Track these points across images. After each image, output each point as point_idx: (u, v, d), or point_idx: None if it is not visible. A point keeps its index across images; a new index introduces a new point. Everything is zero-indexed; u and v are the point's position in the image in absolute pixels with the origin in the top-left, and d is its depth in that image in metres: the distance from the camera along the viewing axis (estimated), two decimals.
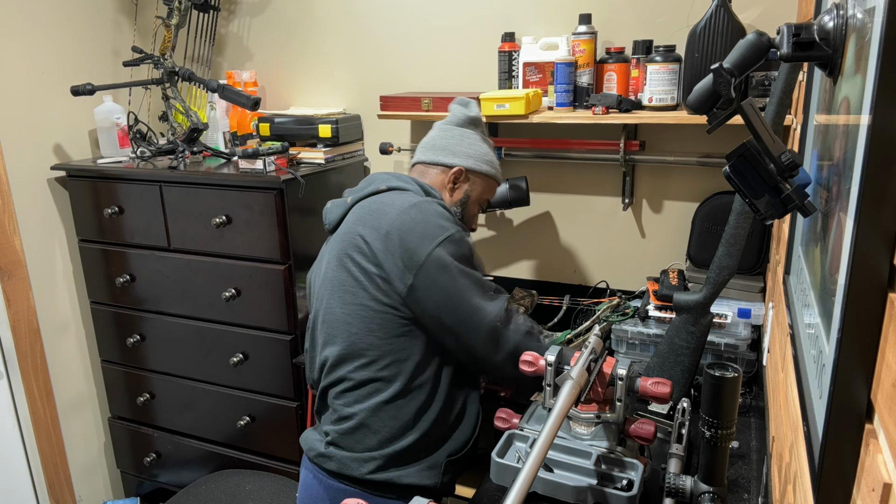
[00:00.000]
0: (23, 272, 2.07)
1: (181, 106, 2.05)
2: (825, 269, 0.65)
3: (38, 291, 2.14)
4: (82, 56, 2.20)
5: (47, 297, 2.18)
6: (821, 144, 0.83)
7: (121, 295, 2.16)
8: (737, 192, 0.79)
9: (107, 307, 2.22)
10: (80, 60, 2.20)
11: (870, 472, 0.46)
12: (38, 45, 2.06)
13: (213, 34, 2.26)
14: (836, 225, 0.61)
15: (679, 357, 1.34)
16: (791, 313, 0.92)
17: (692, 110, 0.83)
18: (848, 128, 0.60)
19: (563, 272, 2.02)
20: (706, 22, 1.52)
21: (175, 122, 2.13)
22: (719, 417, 0.94)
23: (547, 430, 0.82)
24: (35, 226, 2.12)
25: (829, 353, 0.56)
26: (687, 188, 1.81)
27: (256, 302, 1.93)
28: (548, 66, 1.76)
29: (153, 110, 2.38)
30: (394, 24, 2.03)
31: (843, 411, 0.50)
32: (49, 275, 2.18)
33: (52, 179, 2.17)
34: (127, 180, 2.02)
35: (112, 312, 2.21)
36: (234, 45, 2.28)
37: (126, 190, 2.02)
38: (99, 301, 2.23)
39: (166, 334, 2.12)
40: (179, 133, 2.11)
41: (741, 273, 1.67)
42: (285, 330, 1.93)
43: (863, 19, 0.57)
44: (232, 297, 1.94)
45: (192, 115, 2.03)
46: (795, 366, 0.79)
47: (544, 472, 1.03)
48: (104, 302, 2.22)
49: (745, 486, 1.13)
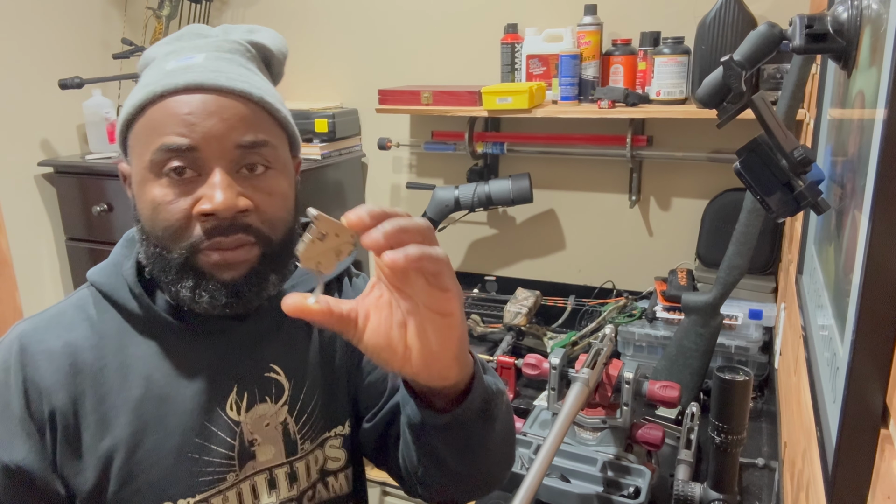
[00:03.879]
0: (9, 271, 2.06)
1: None
2: (839, 269, 0.64)
3: (25, 291, 2.12)
4: (70, 48, 2.17)
5: (34, 298, 2.15)
6: (835, 139, 0.82)
7: None
8: (748, 189, 0.78)
9: None
10: (68, 53, 2.16)
11: (885, 478, 0.45)
12: (23, 36, 2.04)
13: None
14: (851, 223, 0.59)
15: (688, 360, 1.33)
16: (804, 314, 0.90)
17: (701, 104, 0.81)
18: (863, 122, 0.59)
19: (567, 272, 1.99)
20: (716, 13, 1.49)
21: None
22: (729, 422, 0.93)
23: (553, 434, 0.80)
24: (22, 224, 2.10)
25: (843, 356, 0.54)
26: (696, 185, 1.78)
27: None
28: (552, 58, 1.73)
29: None
30: (392, 15, 2.00)
31: (858, 416, 0.49)
32: (36, 274, 2.16)
33: (40, 176, 2.14)
34: (116, 177, 1.99)
35: None
36: None
37: (115, 187, 1.99)
38: None
39: None
40: None
41: (752, 273, 1.64)
42: None
43: (878, 10, 0.55)
44: None
45: None
46: (808, 369, 0.77)
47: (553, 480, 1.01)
48: None
49: (757, 493, 1.11)
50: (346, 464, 0.82)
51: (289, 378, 0.77)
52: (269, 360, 0.76)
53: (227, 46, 0.73)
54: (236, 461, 0.73)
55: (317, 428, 0.78)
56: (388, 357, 0.54)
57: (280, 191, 0.72)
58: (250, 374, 0.75)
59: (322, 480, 0.80)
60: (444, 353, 0.55)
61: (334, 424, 0.81)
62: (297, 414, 0.77)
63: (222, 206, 0.65)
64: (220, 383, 0.73)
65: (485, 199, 1.78)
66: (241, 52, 0.74)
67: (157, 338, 0.73)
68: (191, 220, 0.66)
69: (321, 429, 0.79)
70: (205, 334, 0.73)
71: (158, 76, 0.69)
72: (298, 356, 0.78)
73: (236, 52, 0.73)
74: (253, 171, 0.69)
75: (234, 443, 0.73)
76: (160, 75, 0.69)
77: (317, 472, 0.79)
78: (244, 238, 0.68)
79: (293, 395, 0.76)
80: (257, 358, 0.76)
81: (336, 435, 0.81)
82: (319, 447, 0.80)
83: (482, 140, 1.92)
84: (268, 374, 0.75)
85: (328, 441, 0.80)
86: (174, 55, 0.71)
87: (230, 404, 0.73)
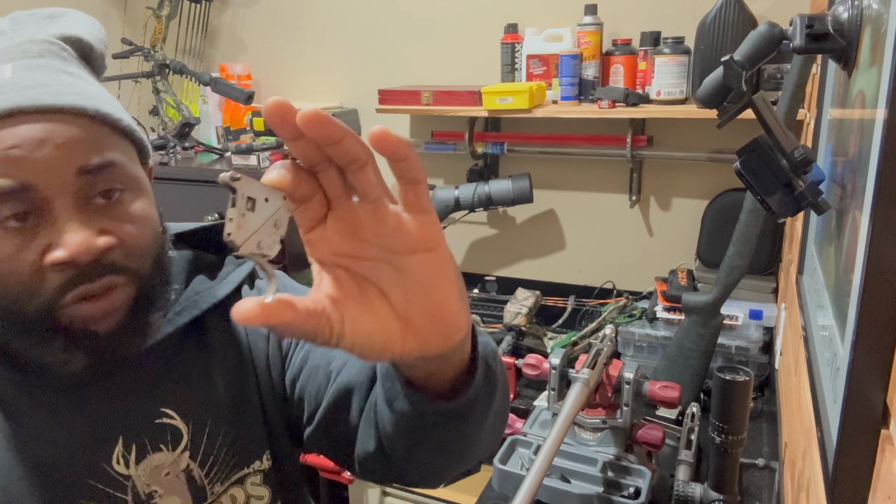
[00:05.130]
0: None
1: (172, 100, 2.03)
2: (839, 269, 0.64)
3: None
4: None
5: None
6: (835, 139, 0.81)
7: None
8: (748, 190, 0.78)
9: None
10: None
11: (886, 479, 0.45)
12: None
13: (206, 25, 2.23)
14: (851, 223, 0.59)
15: (688, 360, 1.32)
16: (804, 315, 0.90)
17: (702, 104, 0.82)
18: (863, 122, 0.59)
19: (567, 272, 1.99)
20: (716, 13, 1.49)
21: (166, 116, 2.11)
22: (730, 423, 0.93)
23: (554, 435, 0.79)
24: None
25: (843, 356, 0.54)
26: (696, 185, 1.77)
27: None
28: (552, 58, 1.73)
29: (143, 104, 2.35)
30: (392, 14, 2.00)
31: (858, 416, 0.49)
32: None
33: None
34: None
35: None
36: (227, 36, 2.25)
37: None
38: None
39: None
40: (170, 128, 2.08)
41: (752, 273, 1.64)
42: None
43: (878, 10, 0.55)
44: None
45: (184, 110, 2.01)
46: (809, 369, 0.77)
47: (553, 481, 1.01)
48: None
49: (757, 493, 1.11)
50: (272, 500, 0.72)
51: (186, 421, 0.66)
52: (159, 404, 0.66)
53: (35, 49, 0.58)
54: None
55: (227, 467, 0.69)
56: (385, 341, 0.41)
57: (142, 214, 0.60)
58: (137, 422, 0.64)
59: None
60: (446, 295, 0.42)
61: (249, 461, 0.70)
62: (202, 458, 0.67)
63: (79, 249, 0.53)
64: (100, 437, 0.63)
65: (485, 199, 1.78)
66: (54, 52, 0.59)
67: (17, 397, 0.61)
68: (43, 272, 0.54)
69: (233, 467, 0.69)
70: (73, 387, 0.62)
71: None
72: (196, 393, 0.68)
73: (49, 54, 0.59)
74: (108, 198, 0.57)
75: (127, 498, 0.63)
76: None
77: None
78: (113, 280, 0.56)
79: (194, 439, 0.66)
80: (145, 403, 0.65)
81: (255, 472, 0.71)
82: (237, 485, 0.70)
83: (482, 140, 1.92)
84: (159, 421, 0.65)
85: (247, 478, 0.70)
86: None
87: (116, 458, 0.63)
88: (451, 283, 0.43)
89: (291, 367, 0.71)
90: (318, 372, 0.68)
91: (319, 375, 0.68)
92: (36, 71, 0.56)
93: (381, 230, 0.40)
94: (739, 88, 0.77)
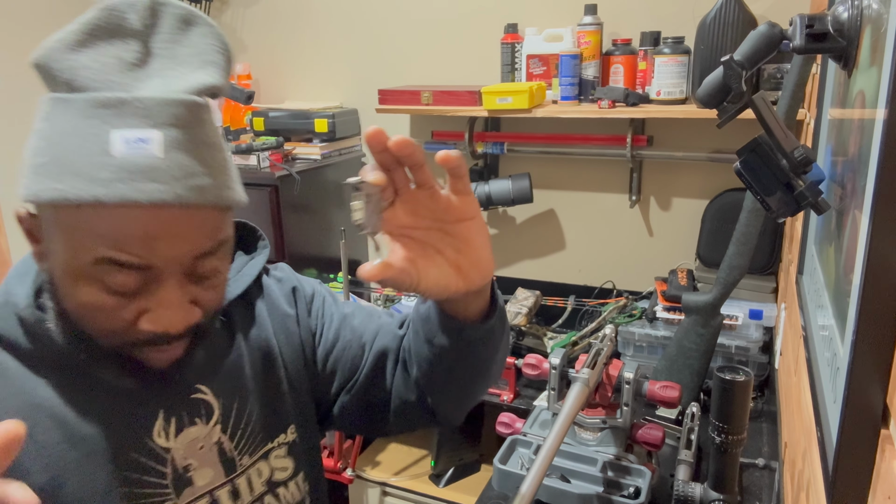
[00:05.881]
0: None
1: None
2: (839, 269, 0.64)
3: None
4: None
5: None
6: (835, 139, 0.81)
7: None
8: (748, 189, 0.78)
9: None
10: None
11: (885, 479, 0.45)
12: (20, 36, 2.03)
13: None
14: (851, 223, 0.59)
15: (688, 360, 1.32)
16: (804, 314, 0.90)
17: (702, 104, 0.81)
18: (863, 122, 0.59)
19: (567, 272, 1.99)
20: (716, 12, 1.49)
21: None
22: (730, 422, 0.93)
23: (554, 434, 0.79)
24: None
25: (843, 356, 0.54)
26: (696, 185, 1.78)
27: None
28: (552, 58, 1.73)
29: None
30: (393, 15, 2.00)
31: (858, 416, 0.49)
32: None
33: None
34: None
35: None
36: (227, 36, 2.24)
37: None
38: None
39: None
40: None
41: (752, 273, 1.64)
42: None
43: (878, 10, 0.55)
44: None
45: None
46: (809, 369, 0.77)
47: (553, 481, 1.00)
48: None
49: (757, 493, 1.11)
50: (295, 472, 0.77)
51: (217, 396, 0.71)
52: (194, 381, 0.70)
53: (184, 116, 0.56)
54: (171, 490, 0.68)
55: (255, 441, 0.74)
56: (447, 283, 0.60)
57: (225, 277, 0.65)
58: (176, 397, 0.69)
59: (272, 492, 0.76)
60: (484, 249, 0.61)
61: (275, 434, 0.76)
62: (231, 431, 0.72)
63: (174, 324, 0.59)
64: (143, 412, 0.67)
65: (485, 199, 1.78)
66: (197, 113, 0.57)
67: (63, 374, 0.64)
68: (135, 327, 0.59)
69: (261, 441, 0.75)
70: (119, 365, 0.66)
71: (98, 166, 0.53)
72: (226, 371, 0.73)
73: (196, 122, 0.57)
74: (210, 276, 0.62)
75: (167, 470, 0.67)
76: (101, 166, 0.53)
77: (263, 485, 0.75)
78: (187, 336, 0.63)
79: (224, 413, 0.72)
80: (181, 381, 0.69)
81: (280, 444, 0.76)
82: (262, 459, 0.75)
83: (482, 140, 1.92)
84: (194, 396, 0.70)
85: (272, 452, 0.76)
86: (115, 116, 0.54)
87: (157, 432, 0.67)
88: (486, 240, 0.62)
89: (323, 344, 0.81)
90: (352, 345, 0.80)
91: (353, 347, 0.80)
92: (185, 152, 0.55)
93: (435, 208, 0.58)
94: (739, 88, 0.77)
